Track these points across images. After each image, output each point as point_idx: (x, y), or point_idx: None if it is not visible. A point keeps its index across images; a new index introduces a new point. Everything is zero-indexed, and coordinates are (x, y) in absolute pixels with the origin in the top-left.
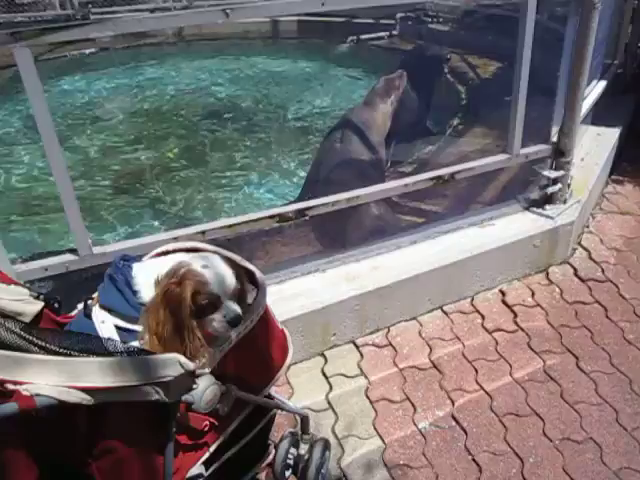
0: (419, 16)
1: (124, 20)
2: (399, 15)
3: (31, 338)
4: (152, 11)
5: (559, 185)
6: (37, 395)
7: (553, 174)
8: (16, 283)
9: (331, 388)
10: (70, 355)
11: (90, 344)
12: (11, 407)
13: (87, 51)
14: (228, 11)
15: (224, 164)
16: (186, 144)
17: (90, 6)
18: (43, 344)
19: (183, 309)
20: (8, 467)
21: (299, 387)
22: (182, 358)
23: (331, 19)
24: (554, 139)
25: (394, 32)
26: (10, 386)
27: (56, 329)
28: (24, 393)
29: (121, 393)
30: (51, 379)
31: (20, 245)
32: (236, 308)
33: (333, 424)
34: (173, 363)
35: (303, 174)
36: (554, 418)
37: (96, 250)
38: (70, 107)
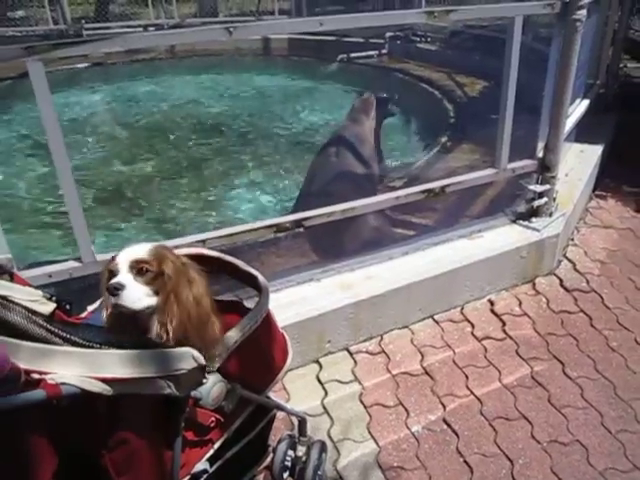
0: (408, 35)
1: (133, 36)
2: (388, 34)
3: (56, 331)
4: (145, 27)
5: (545, 199)
6: (62, 384)
7: (539, 188)
8: (30, 285)
9: (326, 394)
10: (92, 347)
11: (110, 337)
12: (39, 394)
13: (80, 65)
14: (231, 29)
15: (216, 178)
16: (177, 158)
17: (83, 22)
18: (67, 336)
19: (101, 282)
20: (31, 453)
21: (295, 392)
22: (195, 352)
23: (322, 37)
24: (540, 154)
25: (383, 51)
26: (36, 376)
27: (79, 323)
28: (50, 382)
29: (137, 385)
30: (74, 370)
31: (21, 252)
32: (121, 277)
33: (329, 428)
34: (187, 357)
35: (294, 187)
36: (542, 421)
37: (99, 257)
38: (63, 121)
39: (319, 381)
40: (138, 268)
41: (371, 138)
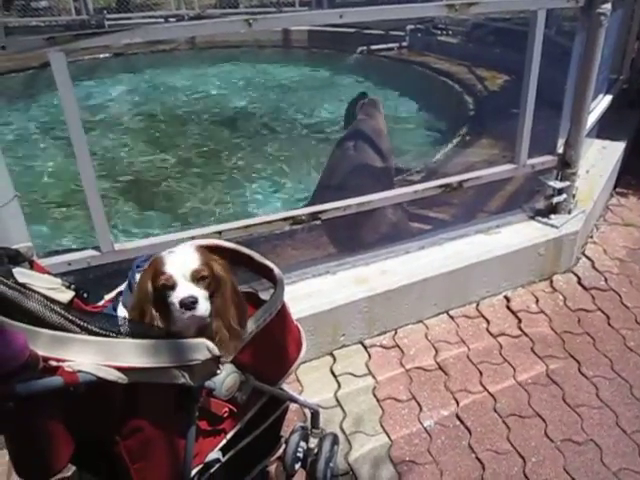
0: (428, 28)
1: (154, 28)
2: (409, 27)
3: (74, 319)
4: (166, 18)
5: (564, 195)
6: (79, 371)
7: (559, 185)
8: (49, 273)
9: (339, 386)
10: (109, 336)
11: (127, 326)
12: (57, 380)
13: (101, 56)
14: (251, 21)
15: (233, 169)
16: (196, 149)
17: (105, 12)
18: (85, 325)
19: (142, 293)
20: (49, 438)
21: (309, 384)
22: (210, 343)
23: (342, 30)
24: (560, 150)
25: (404, 44)
26: (54, 363)
27: (96, 312)
28: (67, 369)
29: (152, 374)
30: (91, 358)
31: (43, 239)
32: (189, 289)
33: (341, 421)
34: (201, 348)
35: (312, 179)
36: (556, 420)
37: (117, 247)
38: (84, 111)
39: (333, 374)
40: (200, 277)
41: (386, 132)
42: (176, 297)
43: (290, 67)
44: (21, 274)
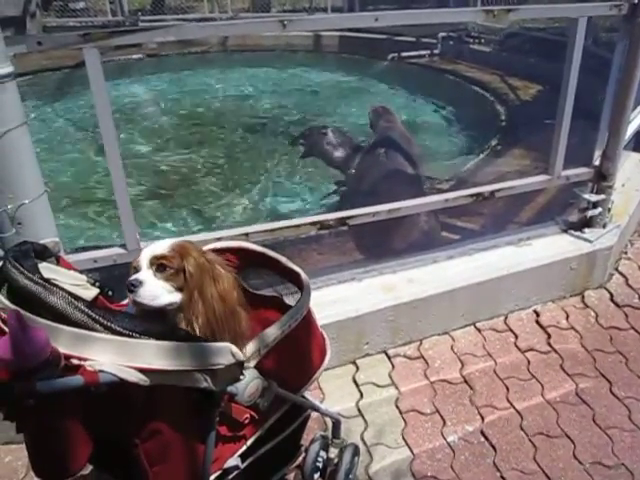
0: (461, 36)
1: (188, 26)
2: (441, 34)
3: (97, 317)
4: (199, 21)
5: (599, 209)
6: (100, 371)
7: (594, 197)
8: (75, 269)
9: (362, 396)
10: (132, 336)
11: (150, 328)
12: (77, 380)
13: (134, 57)
14: (286, 23)
15: (263, 171)
16: (226, 150)
17: (139, 14)
18: (108, 324)
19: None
20: (69, 437)
21: (330, 392)
22: (234, 348)
23: (373, 36)
24: (596, 162)
25: (435, 51)
26: (75, 361)
27: (120, 311)
28: (89, 368)
29: (174, 377)
30: (113, 358)
31: (67, 237)
32: (141, 274)
33: (362, 431)
34: (225, 352)
35: (339, 184)
36: (585, 441)
37: (143, 245)
38: (115, 110)
39: (355, 383)
40: (158, 264)
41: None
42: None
43: (320, 72)
44: (47, 269)
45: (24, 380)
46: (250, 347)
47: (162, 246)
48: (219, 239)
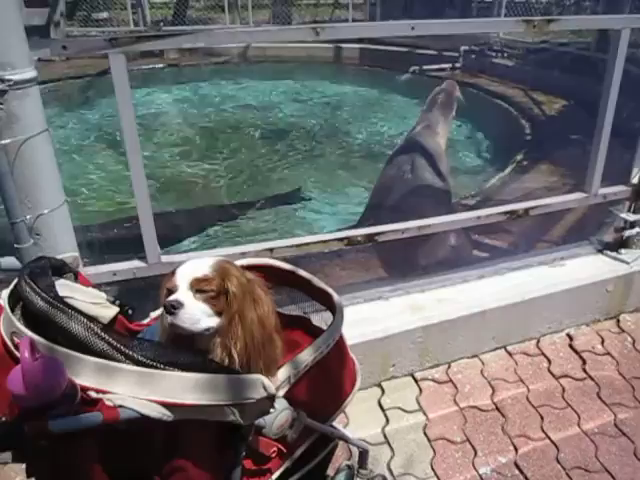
0: (483, 50)
1: (217, 32)
2: (463, 48)
3: (118, 345)
4: None
5: (637, 229)
6: (120, 406)
7: (631, 217)
8: (93, 286)
9: (388, 421)
10: (156, 367)
11: (175, 358)
12: (95, 417)
13: (156, 66)
14: (319, 30)
15: (283, 182)
16: (245, 162)
17: (161, 24)
18: (130, 353)
19: (161, 299)
20: (84, 477)
21: (355, 417)
22: (266, 380)
23: (394, 48)
24: (634, 180)
25: (457, 64)
26: (93, 394)
27: (143, 338)
28: (108, 403)
29: (200, 411)
30: (134, 390)
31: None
32: (180, 295)
33: (389, 460)
34: (257, 385)
35: (361, 196)
36: (627, 477)
37: (164, 259)
38: (138, 118)
39: (381, 407)
40: (199, 286)
41: (444, 147)
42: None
43: (341, 84)
44: (65, 287)
45: (36, 418)
46: (280, 374)
47: (201, 266)
48: (244, 254)
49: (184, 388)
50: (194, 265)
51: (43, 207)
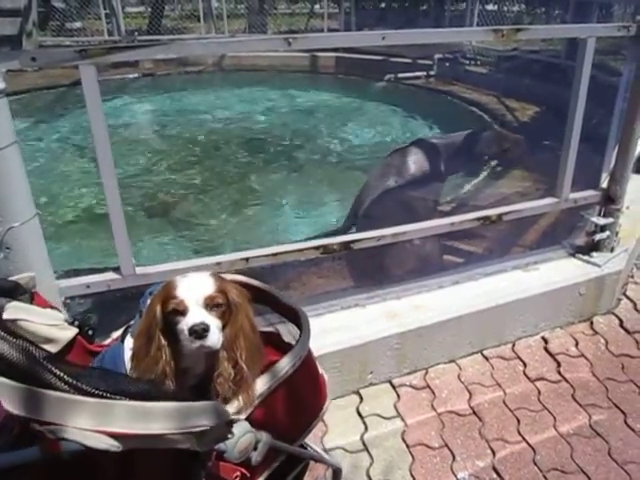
0: (457, 58)
1: (189, 43)
2: (437, 56)
3: (62, 375)
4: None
5: (607, 232)
6: (63, 439)
7: (602, 221)
8: (52, 307)
9: (366, 429)
10: (102, 397)
11: (124, 386)
12: (33, 452)
13: (130, 76)
14: (291, 40)
15: (256, 193)
16: (219, 171)
17: (136, 34)
18: (75, 382)
19: (150, 319)
20: None
21: (334, 425)
22: (220, 407)
23: (369, 57)
24: (604, 185)
25: (431, 72)
26: (36, 426)
27: (90, 366)
28: (49, 435)
29: (151, 440)
30: (80, 422)
31: (58, 260)
32: (201, 316)
33: (368, 467)
34: (209, 412)
35: (334, 205)
36: (602, 477)
37: (139, 270)
38: (111, 128)
39: (359, 414)
40: (213, 302)
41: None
42: (186, 324)
43: (317, 92)
44: (17, 309)
45: None
46: (241, 398)
47: (205, 281)
48: (219, 264)
49: (133, 418)
50: (198, 281)
51: (13, 220)
